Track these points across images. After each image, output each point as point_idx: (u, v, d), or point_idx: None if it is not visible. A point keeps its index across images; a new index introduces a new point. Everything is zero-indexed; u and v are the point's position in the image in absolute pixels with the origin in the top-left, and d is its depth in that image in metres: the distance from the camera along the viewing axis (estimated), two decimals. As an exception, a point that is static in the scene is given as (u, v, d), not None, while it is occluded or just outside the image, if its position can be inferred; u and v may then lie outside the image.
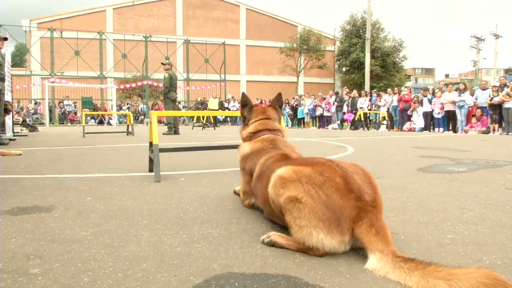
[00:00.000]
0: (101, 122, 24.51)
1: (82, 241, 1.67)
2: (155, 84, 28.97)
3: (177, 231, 1.83)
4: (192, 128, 17.03)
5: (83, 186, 3.02)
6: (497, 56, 50.23)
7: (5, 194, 2.71)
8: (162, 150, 3.54)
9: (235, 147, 4.53)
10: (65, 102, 26.05)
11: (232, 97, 28.80)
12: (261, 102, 25.52)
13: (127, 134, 11.04)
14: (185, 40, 30.75)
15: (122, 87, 28.42)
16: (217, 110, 23.75)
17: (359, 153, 5.84)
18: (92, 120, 24.52)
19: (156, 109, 28.04)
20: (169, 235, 1.78)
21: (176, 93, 12.04)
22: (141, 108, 28.43)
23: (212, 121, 17.85)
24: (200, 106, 25.71)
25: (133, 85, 28.48)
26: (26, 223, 1.95)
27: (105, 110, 27.69)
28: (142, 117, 26.68)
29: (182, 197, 2.61)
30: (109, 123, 24.37)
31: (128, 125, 11.27)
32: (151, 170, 3.64)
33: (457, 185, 3.12)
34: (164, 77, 11.47)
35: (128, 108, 27.99)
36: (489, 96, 13.69)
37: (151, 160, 3.58)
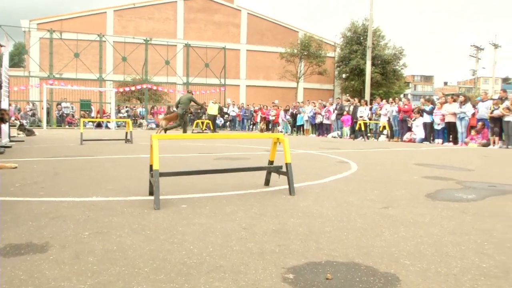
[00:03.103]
0: (99, 126, 24.35)
1: (79, 298, 1.55)
2: (155, 87, 28.84)
3: (181, 284, 1.70)
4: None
5: (80, 214, 2.88)
6: (495, 65, 50.45)
7: (-1, 224, 2.57)
8: (163, 174, 3.41)
9: (243, 170, 4.41)
10: (63, 104, 25.87)
11: (232, 102, 28.68)
12: (261, 108, 25.41)
13: (126, 142, 10.90)
14: (185, 44, 30.64)
15: (121, 90, 28.28)
16: (216, 115, 23.63)
17: (364, 172, 5.72)
18: (90, 124, 24.34)
19: (154, 113, 27.89)
20: (173, 289, 1.65)
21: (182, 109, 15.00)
22: (140, 112, 28.27)
23: (212, 127, 17.71)
24: (199, 111, 25.55)
25: (132, 88, 28.33)
26: (18, 270, 1.81)
27: (104, 113, 27.54)
28: (141, 121, 26.51)
29: (185, 233, 2.49)
30: (107, 127, 24.21)
31: (126, 132, 11.14)
32: (151, 193, 3.51)
33: (470, 219, 3.00)
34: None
35: (127, 111, 27.83)
36: (490, 109, 13.62)
37: (151, 183, 3.46)
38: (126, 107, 29.18)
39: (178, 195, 3.68)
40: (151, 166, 3.35)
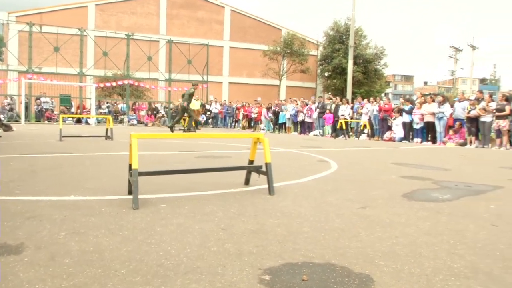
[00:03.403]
0: (78, 121, 23.97)
1: (54, 301, 1.54)
2: (136, 83, 28.50)
3: (158, 286, 1.71)
4: (172, 131, 16.76)
5: (57, 214, 2.85)
6: (473, 66, 51.68)
7: (-28, 224, 2.53)
8: (142, 173, 3.39)
9: (223, 169, 4.42)
10: (42, 99, 25.34)
11: (215, 99, 28.57)
12: (243, 105, 25.38)
13: (106, 139, 10.76)
14: (168, 40, 30.36)
15: (102, 85, 27.85)
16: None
17: (343, 171, 5.79)
18: (70, 119, 23.92)
19: (136, 109, 27.58)
20: (149, 291, 1.66)
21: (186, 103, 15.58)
22: (121, 108, 27.91)
23: (194, 124, 17.61)
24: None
25: (114, 83, 27.94)
26: (-8, 272, 1.79)
27: (84, 108, 27.11)
28: (122, 116, 26.19)
29: (163, 233, 2.48)
30: (87, 123, 23.85)
31: (107, 129, 10.99)
32: (130, 192, 3.48)
33: (444, 220, 3.08)
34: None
35: (108, 107, 27.44)
36: (466, 109, 13.92)
37: (130, 183, 3.43)
38: (107, 102, 28.76)
39: (157, 194, 3.66)
40: (130, 165, 3.33)
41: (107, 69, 28.88)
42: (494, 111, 12.92)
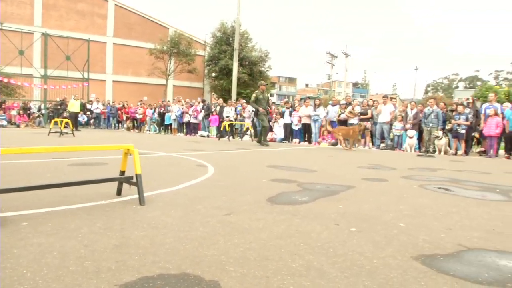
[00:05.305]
0: None
1: None
2: (6, 79, 25.80)
3: (5, 313, 1.73)
4: (48, 134, 15.59)
5: None
6: (347, 71, 56.92)
7: None
8: (0, 191, 3.24)
9: (92, 182, 4.33)
10: None
11: (96, 98, 27.14)
12: (123, 106, 24.53)
13: (-35, 144, 9.67)
14: (43, 33, 27.99)
15: (-38, 81, 24.68)
16: (78, 112, 22.18)
17: (219, 176, 6.06)
18: None
19: (7, 108, 24.95)
20: (-4, 319, 1.68)
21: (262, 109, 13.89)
22: (-13, 107, 25.02)
23: (71, 127, 16.55)
24: (59, 107, 23.68)
25: (-23, 79, 24.96)
26: None
27: None
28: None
29: (20, 255, 2.44)
30: None
31: (-34, 133, 9.87)
32: (-13, 211, 3.30)
33: (297, 222, 3.48)
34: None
35: (-30, 106, 24.40)
36: (337, 112, 15.37)
37: (-13, 201, 3.25)
38: (-31, 101, 25.57)
39: (20, 211, 3.51)
40: (-15, 183, 3.15)
41: (-31, 63, 25.72)
42: (359, 114, 14.46)
